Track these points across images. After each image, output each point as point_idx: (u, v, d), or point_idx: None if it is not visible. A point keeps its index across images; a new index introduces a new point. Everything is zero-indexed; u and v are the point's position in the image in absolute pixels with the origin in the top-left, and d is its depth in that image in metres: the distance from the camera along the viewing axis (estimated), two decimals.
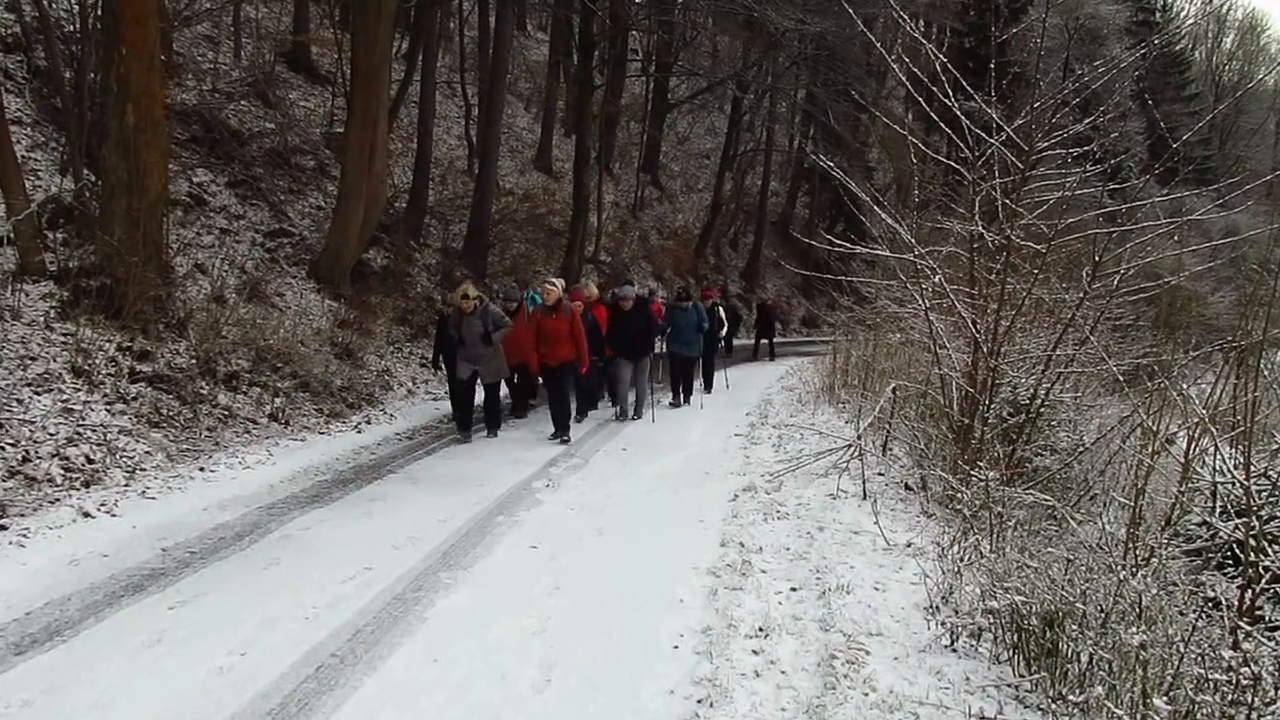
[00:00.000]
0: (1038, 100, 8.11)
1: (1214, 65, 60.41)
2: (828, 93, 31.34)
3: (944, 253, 8.86)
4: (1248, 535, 4.06)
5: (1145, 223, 8.83)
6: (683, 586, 6.17)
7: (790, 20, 24.56)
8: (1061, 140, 8.64)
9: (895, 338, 13.63)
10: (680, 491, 8.90)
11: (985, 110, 8.32)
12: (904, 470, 9.42)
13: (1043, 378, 8.31)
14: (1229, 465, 4.81)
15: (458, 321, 10.99)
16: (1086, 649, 4.19)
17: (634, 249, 29.74)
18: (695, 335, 14.72)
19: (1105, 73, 8.61)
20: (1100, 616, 4.38)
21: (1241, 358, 6.36)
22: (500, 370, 11.46)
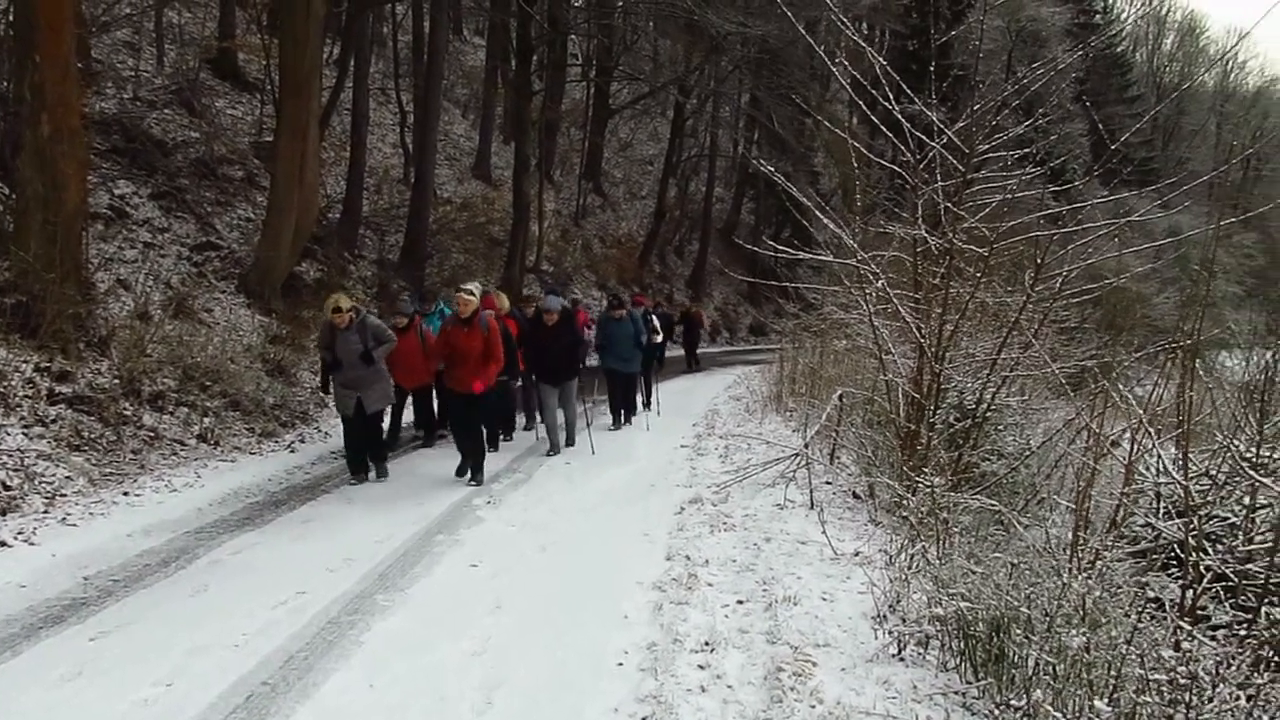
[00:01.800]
0: (978, 103, 8.26)
1: (1155, 67, 61.94)
2: (771, 97, 31.62)
3: (887, 257, 8.96)
4: (1188, 535, 4.17)
5: (1087, 224, 9.03)
6: (628, 602, 6.17)
7: (731, 23, 24.78)
8: (1003, 142, 8.82)
9: (841, 344, 13.78)
10: (625, 506, 8.91)
11: (926, 113, 8.46)
12: (852, 478, 9.52)
13: (988, 382, 8.44)
14: (1169, 466, 4.92)
15: (329, 339, 9.59)
16: (1032, 653, 4.26)
17: (577, 258, 29.75)
18: (633, 349, 13.49)
19: (1044, 75, 8.82)
20: (1045, 621, 4.46)
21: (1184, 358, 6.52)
22: (385, 395, 9.94)
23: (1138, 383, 10.77)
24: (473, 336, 9.65)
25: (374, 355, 9.52)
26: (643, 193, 37.53)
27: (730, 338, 36.03)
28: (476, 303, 9.78)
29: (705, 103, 34.68)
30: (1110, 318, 22.82)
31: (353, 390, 9.57)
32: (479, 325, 9.70)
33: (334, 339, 9.52)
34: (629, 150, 39.64)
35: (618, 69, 32.38)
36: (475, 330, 9.67)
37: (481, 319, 9.76)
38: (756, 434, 11.77)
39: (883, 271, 9.10)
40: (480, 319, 9.75)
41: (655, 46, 38.82)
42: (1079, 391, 9.80)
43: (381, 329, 9.79)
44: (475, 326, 9.68)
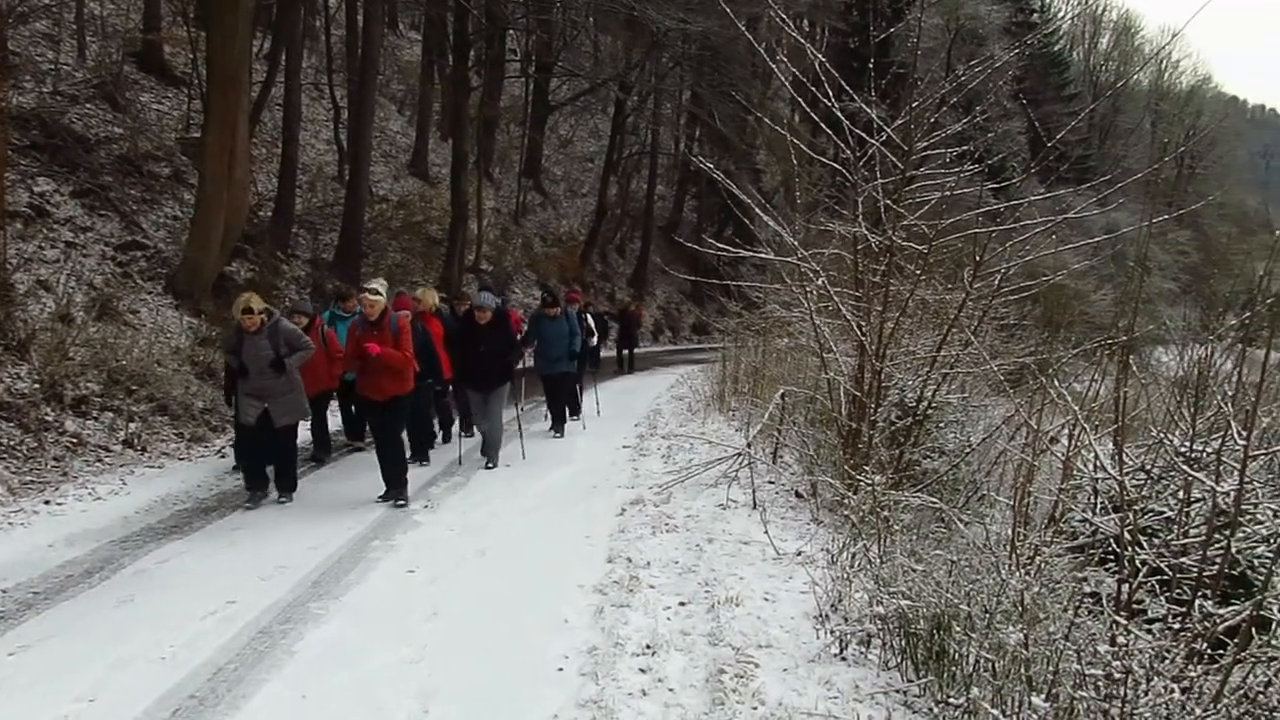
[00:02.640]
0: (916, 100, 8.35)
1: (1091, 66, 63.15)
2: (712, 94, 31.74)
3: (827, 255, 9.04)
4: (1123, 530, 4.25)
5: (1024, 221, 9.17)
6: (568, 606, 6.15)
7: (672, 20, 24.83)
8: (943, 140, 8.93)
9: (783, 343, 13.86)
10: (566, 508, 8.89)
11: (866, 111, 8.54)
12: (794, 477, 9.58)
13: (928, 379, 8.54)
14: (1104, 462, 5.02)
15: (237, 344, 8.75)
16: (972, 651, 4.31)
17: (517, 256, 29.63)
18: (566, 349, 12.80)
19: (981, 72, 8.94)
20: (985, 618, 4.52)
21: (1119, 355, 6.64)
22: (298, 408, 9.02)
23: (1075, 379, 10.97)
24: (382, 339, 8.89)
25: (286, 363, 8.74)
26: (583, 190, 37.48)
27: (673, 337, 36.13)
28: (384, 302, 9.04)
29: (646, 99, 34.73)
30: (1049, 315, 23.22)
31: (258, 401, 8.71)
32: (388, 327, 8.98)
33: (241, 343, 8.70)
34: (569, 147, 39.58)
35: (557, 65, 32.30)
36: (384, 332, 8.93)
37: (391, 320, 9.04)
38: (699, 434, 11.79)
39: (824, 269, 9.17)
40: (390, 320, 9.03)
41: (595, 42, 38.79)
42: (1019, 388, 9.95)
43: (296, 334, 8.99)
44: (384, 328, 8.95)
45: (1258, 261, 39.98)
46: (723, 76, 31.45)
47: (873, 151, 8.42)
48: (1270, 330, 4.36)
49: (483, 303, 10.51)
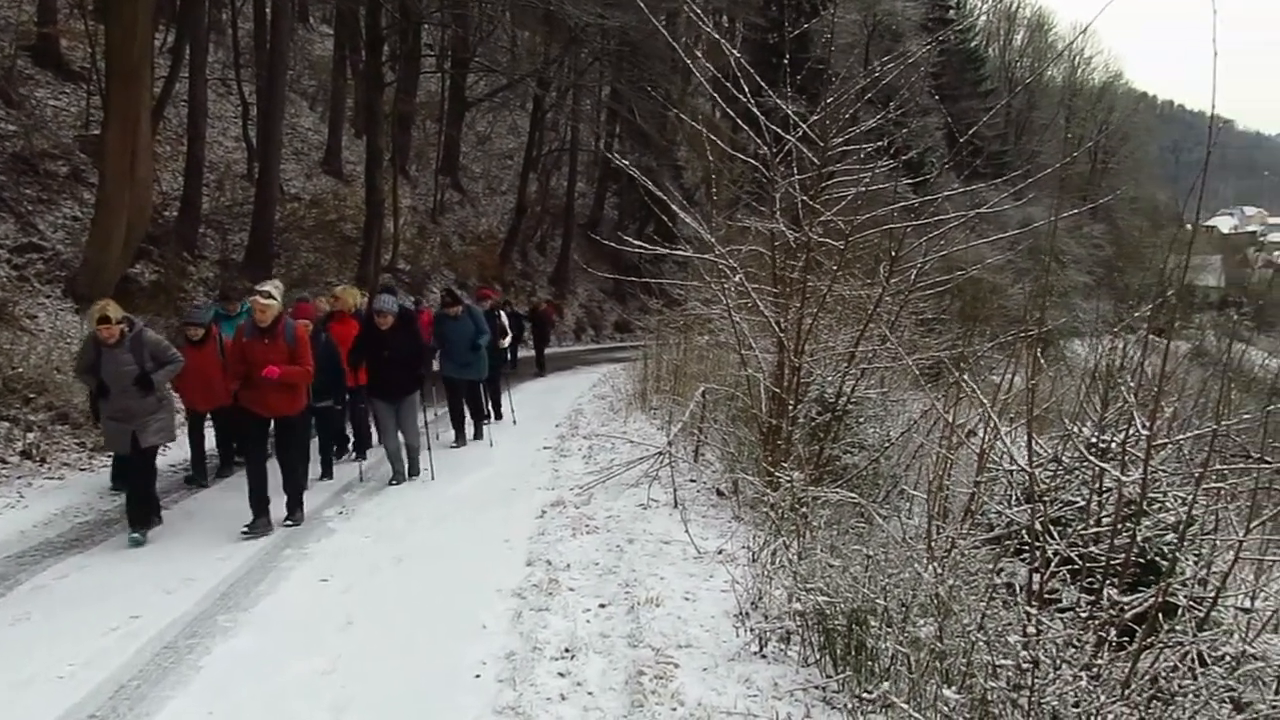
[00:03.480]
0: (830, 96, 8.45)
1: (1007, 62, 64.57)
2: (632, 89, 31.74)
3: (744, 252, 9.10)
4: (1033, 520, 4.35)
5: (940, 216, 9.34)
6: (486, 611, 6.12)
7: (589, 15, 24.80)
8: (859, 136, 9.05)
9: (704, 340, 13.93)
10: (485, 511, 8.84)
11: (783, 107, 8.62)
12: (716, 475, 9.64)
13: (847, 375, 8.65)
14: (1013, 453, 5.13)
15: (94, 359, 7.72)
16: (889, 645, 4.38)
17: (435, 255, 29.34)
18: (473, 352, 12.04)
19: (895, 68, 9.08)
20: (902, 611, 4.59)
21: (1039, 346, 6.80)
22: (166, 429, 8.03)
23: (992, 372, 11.21)
24: (274, 349, 8.00)
25: (155, 380, 7.76)
26: (503, 188, 37.24)
27: (596, 335, 36.09)
28: (277, 307, 8.12)
29: (565, 95, 34.61)
30: (967, 309, 23.69)
31: (124, 424, 7.75)
32: (283, 335, 8.08)
33: (99, 358, 7.69)
34: (488, 144, 39.28)
35: (474, 60, 32.02)
36: (278, 342, 8.04)
37: (287, 327, 8.15)
38: (621, 433, 11.80)
39: (744, 266, 9.24)
40: (285, 327, 8.13)
41: (513, 37, 38.55)
42: (938, 382, 10.14)
43: (162, 346, 7.94)
44: (278, 337, 8.05)
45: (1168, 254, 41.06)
46: (642, 72, 31.46)
47: (789, 147, 8.50)
48: (1172, 321, 4.49)
49: (382, 307, 9.80)
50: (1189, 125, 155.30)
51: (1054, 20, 65.44)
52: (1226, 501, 6.16)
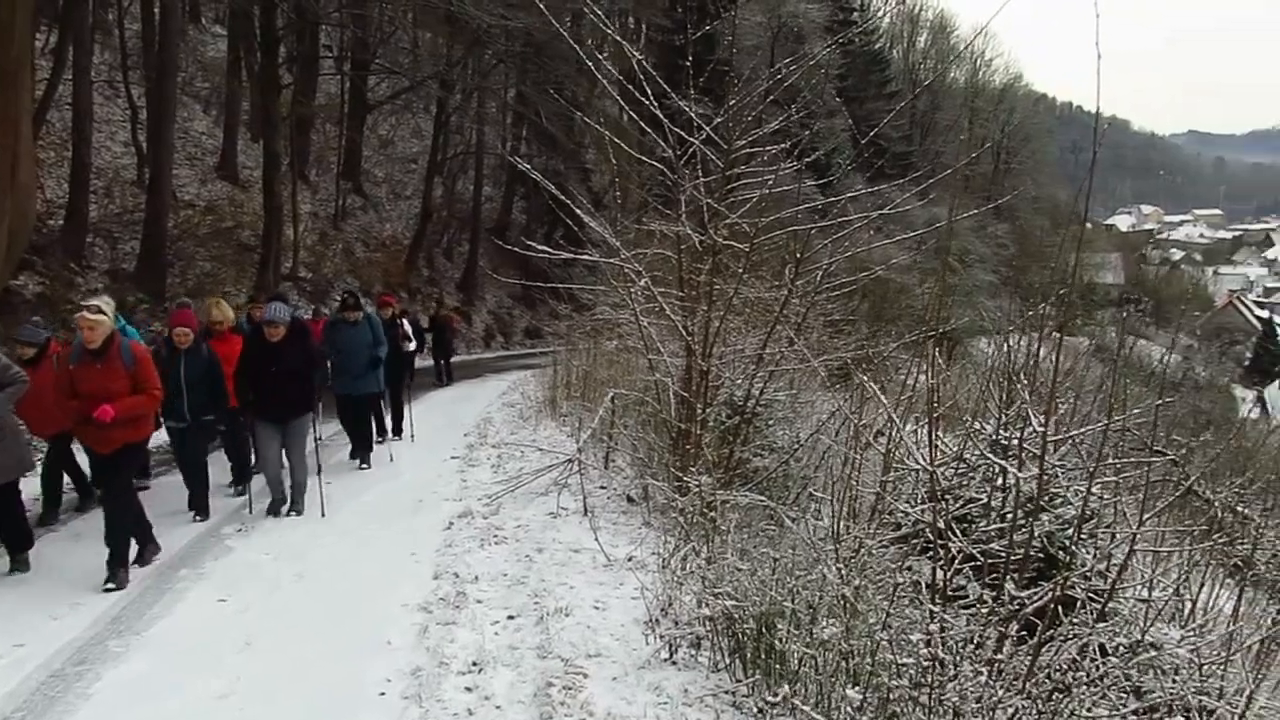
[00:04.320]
0: (734, 98, 8.53)
1: (911, 64, 65.90)
2: (537, 92, 31.66)
3: (649, 256, 9.14)
4: (935, 518, 4.45)
5: (845, 217, 9.49)
6: (392, 627, 6.05)
7: (492, 16, 24.67)
8: (763, 137, 9.14)
9: (613, 345, 13.93)
10: (390, 524, 8.73)
11: (689, 109, 8.67)
12: (626, 481, 9.65)
13: (754, 377, 8.74)
14: (914, 453, 5.24)
15: None
16: (796, 647, 4.43)
17: (337, 263, 28.89)
18: (370, 365, 11.10)
19: (796, 70, 9.20)
20: (809, 613, 4.66)
21: (947, 346, 6.97)
22: (16, 461, 7.16)
23: (897, 371, 11.41)
24: (109, 374, 7.11)
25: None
26: (407, 192, 36.81)
27: (506, 342, 35.87)
28: (108, 325, 7.22)
29: (469, 98, 34.36)
30: (876, 309, 24.13)
31: None
32: (118, 357, 7.16)
33: None
34: (390, 148, 38.80)
35: (375, 62, 31.63)
36: (112, 365, 7.13)
37: (122, 348, 7.21)
38: (530, 441, 11.75)
39: (653, 270, 9.28)
40: (120, 348, 7.20)
41: (415, 39, 38.18)
42: (848, 383, 10.29)
43: (7, 368, 7.14)
44: (112, 359, 7.13)
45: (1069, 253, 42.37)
46: (548, 74, 31.37)
47: (693, 150, 8.56)
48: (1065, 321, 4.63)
49: (273, 316, 8.88)
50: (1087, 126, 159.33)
51: (956, 23, 66.85)
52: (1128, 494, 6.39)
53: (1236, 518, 13.31)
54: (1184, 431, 19.47)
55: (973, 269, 47.14)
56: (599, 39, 30.07)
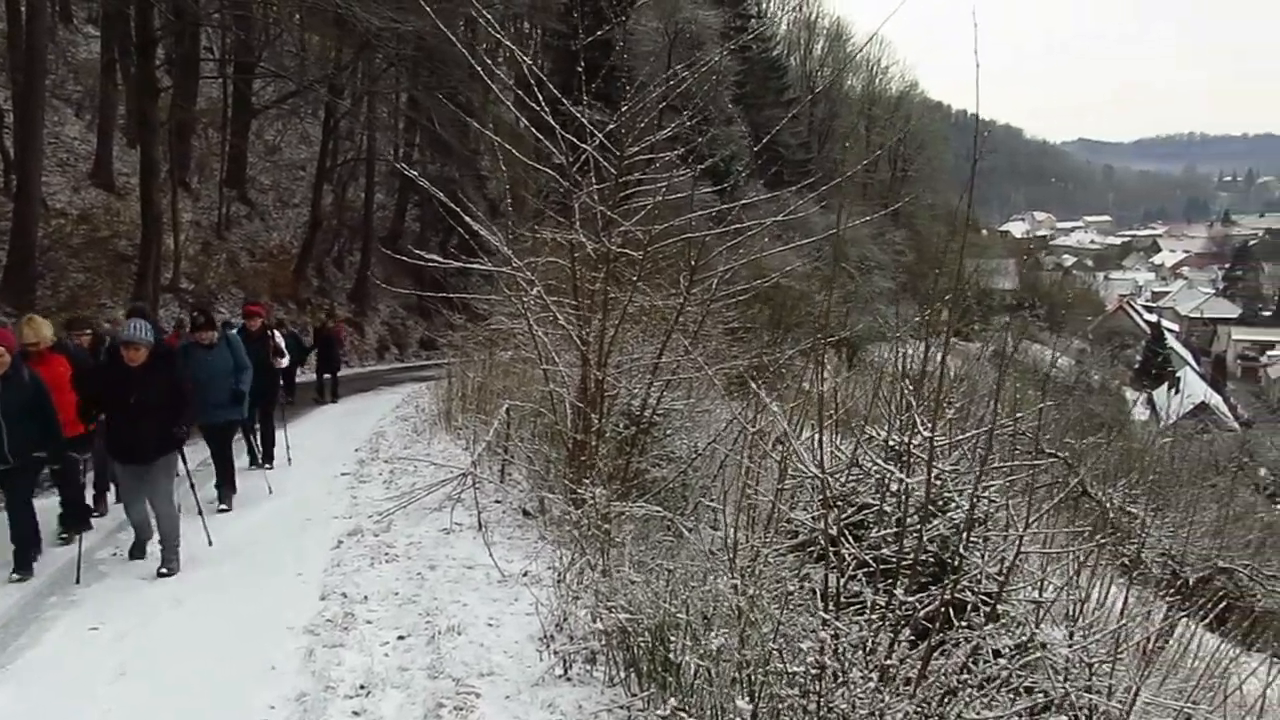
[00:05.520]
0: (625, 104, 8.57)
1: (808, 71, 67.00)
2: (431, 97, 31.38)
3: (542, 263, 9.12)
4: (825, 525, 4.51)
5: (742, 224, 9.59)
6: (276, 651, 5.93)
7: (381, 19, 24.37)
8: (656, 144, 9.19)
9: (507, 355, 13.85)
10: (277, 544, 8.56)
11: (581, 115, 8.68)
12: (523, 495, 9.61)
13: (651, 386, 8.77)
14: (805, 459, 5.32)
15: None
16: (690, 659, 4.46)
17: (221, 273, 28.21)
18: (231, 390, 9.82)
19: (692, 75, 9.29)
20: (704, 624, 4.69)
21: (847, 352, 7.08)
22: None
23: (794, 378, 11.57)
24: None
25: None
26: (295, 200, 36.14)
27: (400, 354, 35.43)
28: None
29: (360, 103, 33.94)
30: (776, 317, 24.43)
31: None
32: None
33: None
34: (277, 154, 38.05)
35: (259, 65, 31.03)
36: None
37: None
38: (424, 455, 11.62)
39: (550, 278, 9.26)
40: None
41: (302, 41, 37.56)
42: (749, 391, 10.37)
43: None
44: None
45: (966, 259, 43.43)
46: (441, 79, 31.11)
47: (586, 156, 8.57)
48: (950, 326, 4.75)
49: (133, 336, 7.64)
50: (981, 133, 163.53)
51: (852, 30, 68.10)
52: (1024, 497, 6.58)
53: (1126, 517, 13.81)
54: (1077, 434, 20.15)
55: (871, 275, 48.06)
56: (494, 43, 29.98)
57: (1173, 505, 15.57)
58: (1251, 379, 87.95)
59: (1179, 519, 14.23)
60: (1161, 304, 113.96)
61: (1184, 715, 5.41)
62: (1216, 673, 6.40)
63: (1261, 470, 35.87)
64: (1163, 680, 6.10)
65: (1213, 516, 15.40)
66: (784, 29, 66.36)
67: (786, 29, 66.82)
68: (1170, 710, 5.33)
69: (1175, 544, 13.14)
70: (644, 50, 36.42)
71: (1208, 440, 35.74)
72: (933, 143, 75.12)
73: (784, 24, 66.36)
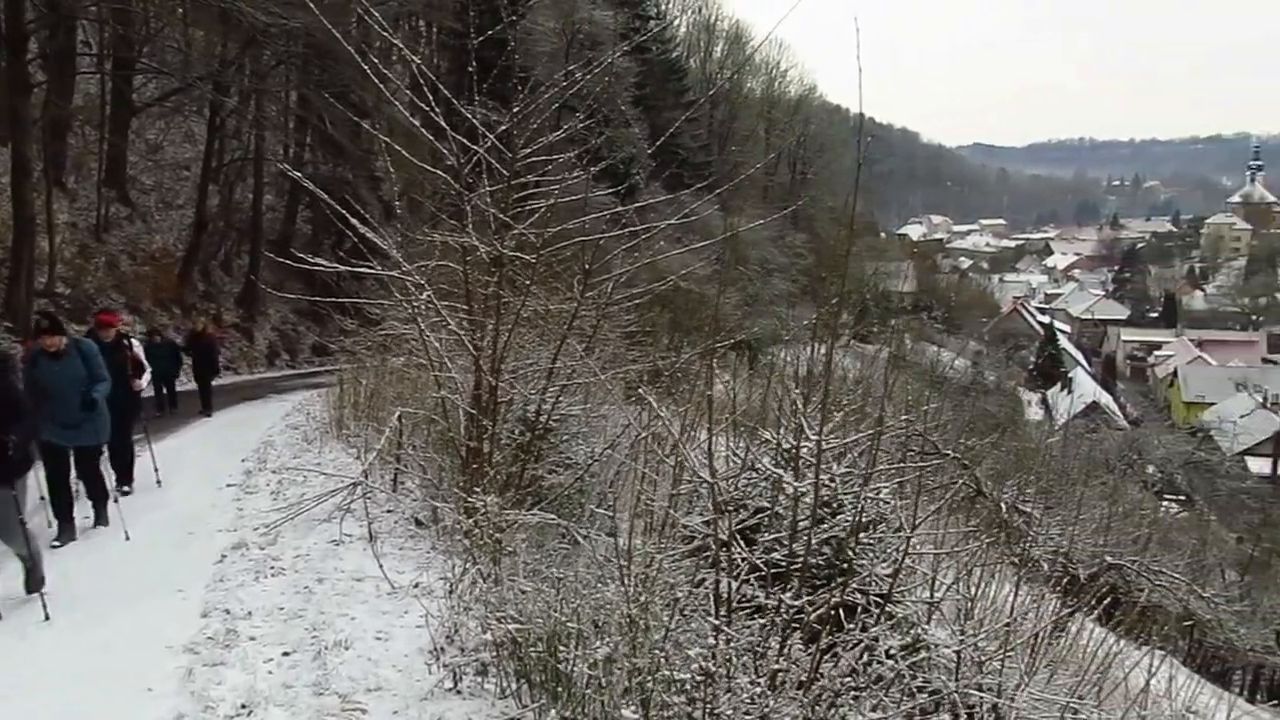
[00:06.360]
0: (518, 105, 8.52)
1: (708, 73, 67.55)
2: (322, 96, 30.84)
3: (432, 267, 9.02)
4: (716, 530, 4.54)
5: (640, 226, 9.61)
6: (153, 672, 5.76)
7: (269, 15, 23.89)
8: (561, 144, 9.17)
9: (399, 361, 13.67)
10: (157, 559, 8.33)
11: (472, 116, 8.61)
12: (415, 504, 9.49)
13: (546, 392, 8.74)
14: (695, 464, 5.35)
15: None
16: (581, 668, 4.44)
17: (100, 277, 27.33)
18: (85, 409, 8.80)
19: (589, 75, 9.29)
20: (595, 632, 4.68)
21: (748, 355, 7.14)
22: None
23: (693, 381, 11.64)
24: None
25: None
26: (179, 201, 35.19)
27: (292, 360, 34.75)
28: None
29: (247, 101, 33.22)
30: (676, 320, 24.58)
31: None
32: None
33: None
34: (160, 154, 37.03)
35: (140, 61, 30.15)
36: None
37: None
38: (314, 465, 11.40)
39: (444, 283, 9.15)
40: None
41: (186, 37, 36.61)
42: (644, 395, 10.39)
43: None
44: None
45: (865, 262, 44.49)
46: (333, 77, 30.58)
47: (478, 158, 8.50)
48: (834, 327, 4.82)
49: None
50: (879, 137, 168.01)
51: (752, 33, 68.82)
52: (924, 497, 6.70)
53: (1019, 515, 14.21)
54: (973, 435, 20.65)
55: (771, 278, 48.67)
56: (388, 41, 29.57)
57: (1064, 503, 16.08)
58: (1140, 379, 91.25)
59: (1069, 516, 14.69)
60: (1054, 306, 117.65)
61: (1070, 709, 5.57)
62: (1102, 666, 6.59)
63: (1149, 468, 37.29)
64: (1050, 675, 6.26)
65: (1102, 514, 15.94)
66: (684, 31, 66.85)
67: (686, 31, 67.32)
68: (1057, 704, 5.47)
69: (1065, 541, 13.57)
70: (541, 51, 36.37)
71: (1098, 439, 37.08)
72: (832, 146, 76.47)
73: (684, 26, 66.84)
